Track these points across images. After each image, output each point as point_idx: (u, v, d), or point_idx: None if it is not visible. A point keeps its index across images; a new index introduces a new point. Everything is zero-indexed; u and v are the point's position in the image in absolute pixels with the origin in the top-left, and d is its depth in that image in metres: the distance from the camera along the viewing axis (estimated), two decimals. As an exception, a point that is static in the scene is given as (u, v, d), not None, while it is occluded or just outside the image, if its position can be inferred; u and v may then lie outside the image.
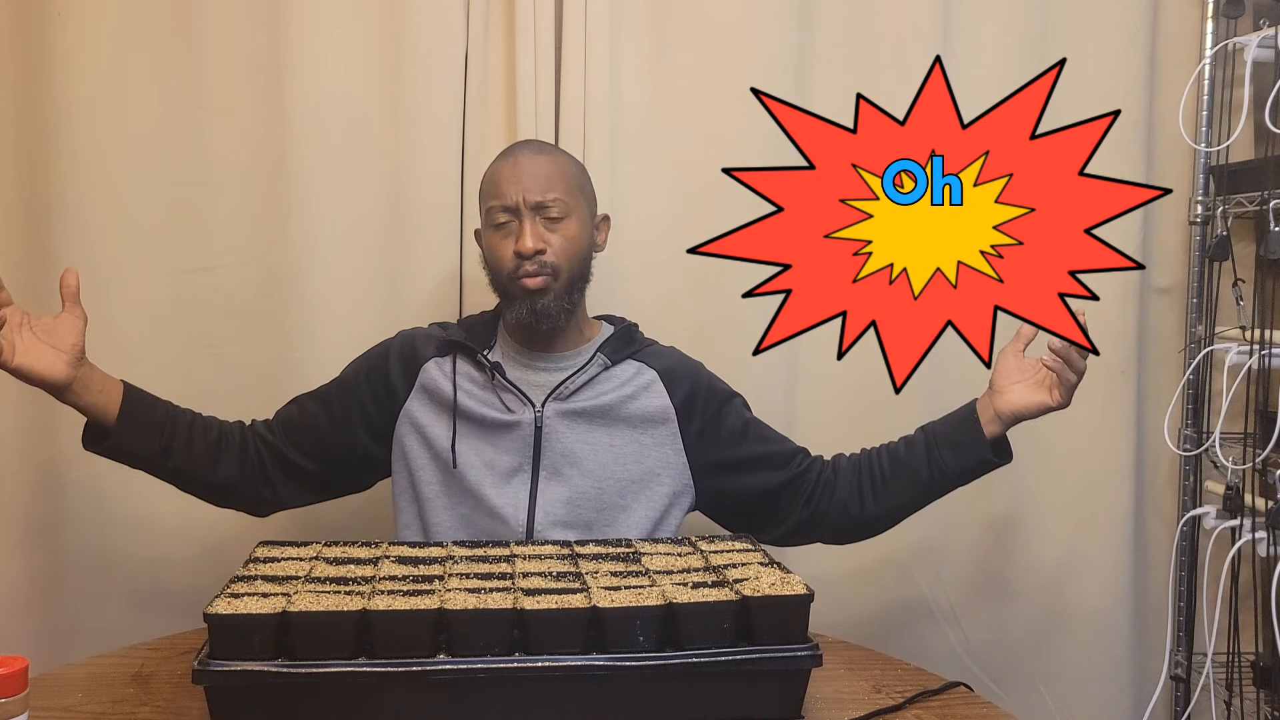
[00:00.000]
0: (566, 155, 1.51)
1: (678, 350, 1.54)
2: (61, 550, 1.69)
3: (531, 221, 1.39)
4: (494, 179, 1.44)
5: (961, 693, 1.13)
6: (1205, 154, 1.91)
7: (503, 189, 1.41)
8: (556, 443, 1.41)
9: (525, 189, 1.40)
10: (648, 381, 1.46)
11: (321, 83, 1.69)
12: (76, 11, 1.63)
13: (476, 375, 1.44)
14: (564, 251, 1.41)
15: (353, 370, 1.49)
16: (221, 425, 1.44)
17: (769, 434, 1.51)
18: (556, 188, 1.41)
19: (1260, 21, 1.84)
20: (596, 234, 1.50)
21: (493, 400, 1.43)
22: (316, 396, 1.48)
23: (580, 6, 1.73)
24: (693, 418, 1.46)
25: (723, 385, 1.52)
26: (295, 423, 1.46)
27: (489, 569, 1.08)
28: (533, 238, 1.38)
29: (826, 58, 1.81)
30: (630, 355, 1.48)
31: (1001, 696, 1.86)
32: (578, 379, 1.43)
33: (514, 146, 1.49)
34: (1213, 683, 1.87)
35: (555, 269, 1.40)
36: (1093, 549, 1.91)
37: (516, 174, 1.41)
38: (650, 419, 1.44)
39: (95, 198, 1.66)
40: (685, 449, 1.45)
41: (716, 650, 0.97)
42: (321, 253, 1.71)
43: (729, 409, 1.49)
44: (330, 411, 1.46)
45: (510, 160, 1.44)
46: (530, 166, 1.42)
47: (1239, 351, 1.80)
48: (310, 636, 0.93)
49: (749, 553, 1.16)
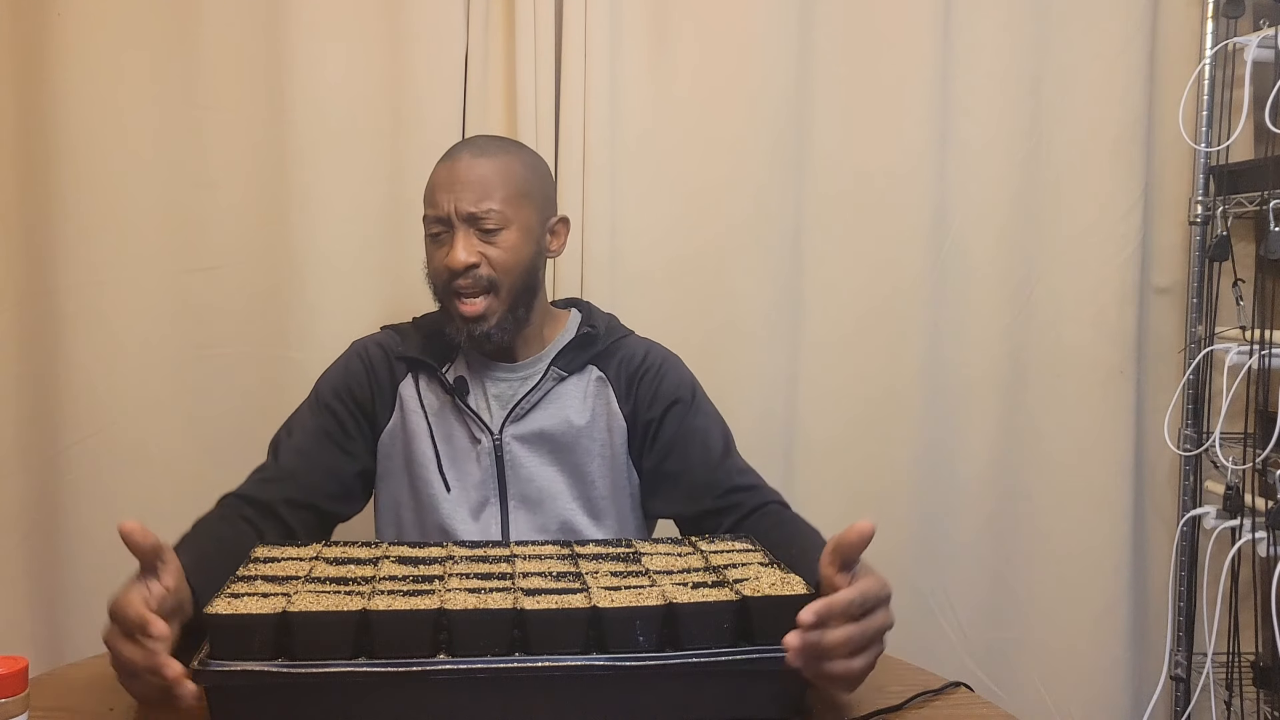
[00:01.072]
0: (512, 155, 1.37)
1: (647, 344, 1.44)
2: (61, 550, 1.69)
3: (465, 234, 1.30)
4: (431, 184, 1.35)
5: (961, 693, 1.13)
6: (1205, 154, 1.91)
7: (436, 197, 1.32)
8: (520, 469, 1.35)
9: (458, 198, 1.30)
10: (603, 394, 1.38)
11: (321, 83, 1.69)
12: (76, 11, 1.63)
13: (440, 393, 1.37)
14: (502, 264, 1.31)
15: (337, 390, 1.38)
16: (233, 530, 1.24)
17: (705, 454, 1.35)
18: (493, 196, 1.31)
19: (1260, 21, 1.84)
20: (550, 239, 1.39)
21: (457, 424, 1.36)
22: (290, 451, 1.33)
23: (580, 6, 1.73)
24: (641, 429, 1.37)
25: (676, 387, 1.39)
26: (295, 466, 1.32)
27: (489, 569, 1.08)
28: (464, 251, 1.30)
29: (826, 59, 1.82)
30: (589, 360, 1.39)
31: (1001, 696, 1.87)
32: (532, 396, 1.36)
33: (456, 147, 1.37)
34: (1213, 683, 1.87)
35: (492, 283, 1.31)
36: (1093, 549, 1.91)
37: (452, 180, 1.32)
38: (606, 436, 1.37)
39: (95, 198, 1.66)
40: (634, 459, 1.38)
41: (716, 650, 0.97)
42: (321, 253, 1.71)
43: (670, 418, 1.37)
44: (312, 458, 1.33)
45: (448, 164, 1.34)
46: (466, 172, 1.31)
47: (1239, 351, 1.80)
48: (310, 636, 0.93)
49: (749, 553, 1.16)
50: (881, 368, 1.87)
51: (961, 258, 1.87)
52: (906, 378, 1.86)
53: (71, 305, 1.66)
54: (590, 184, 1.75)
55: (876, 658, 0.95)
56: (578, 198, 1.74)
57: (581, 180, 1.75)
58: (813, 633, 0.89)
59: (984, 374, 1.90)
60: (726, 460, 1.36)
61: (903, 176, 1.84)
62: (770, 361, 1.82)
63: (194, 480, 1.71)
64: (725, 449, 1.37)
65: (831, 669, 0.91)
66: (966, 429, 1.89)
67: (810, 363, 1.84)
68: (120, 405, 1.68)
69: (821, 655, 0.90)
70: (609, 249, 1.77)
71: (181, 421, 1.72)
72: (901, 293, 1.85)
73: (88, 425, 1.68)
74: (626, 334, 1.44)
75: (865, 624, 0.92)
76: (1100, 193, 1.89)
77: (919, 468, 1.87)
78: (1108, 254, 1.90)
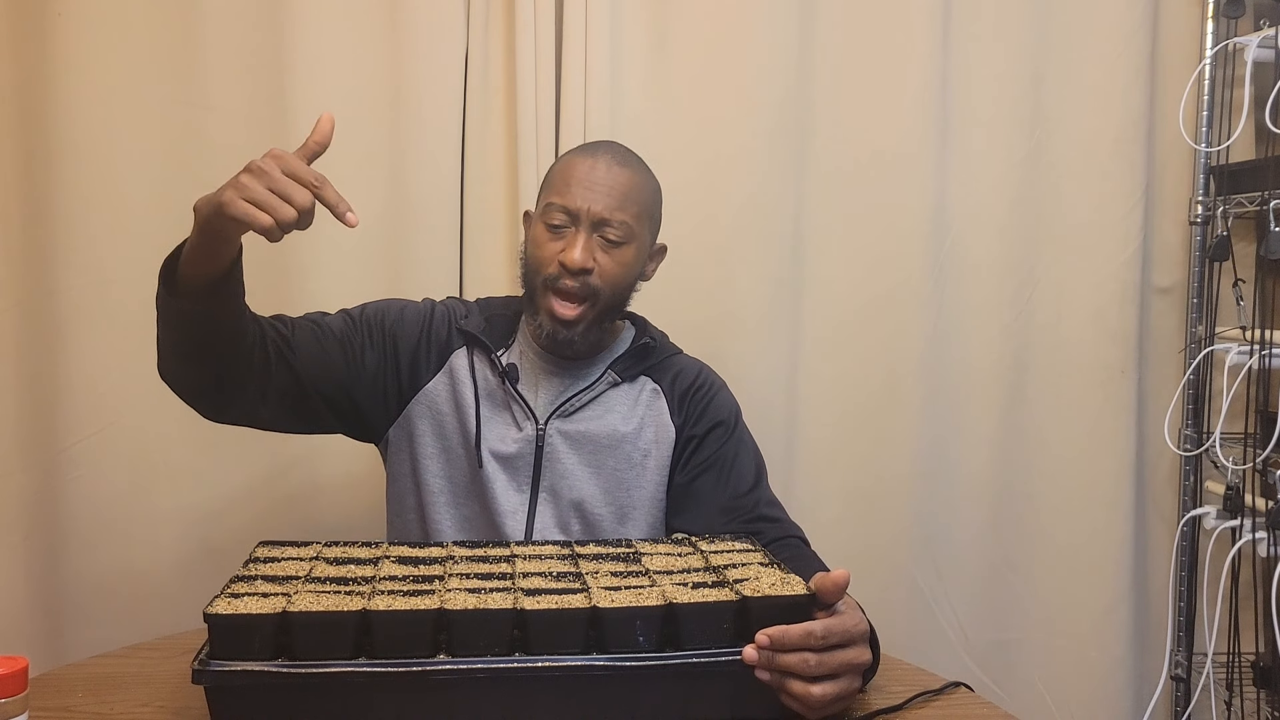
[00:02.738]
0: (647, 173, 1.38)
1: (699, 365, 1.45)
2: (61, 550, 1.69)
3: (588, 236, 1.29)
4: (566, 174, 1.31)
5: (961, 693, 1.13)
6: (1205, 154, 1.91)
7: (571, 189, 1.29)
8: (557, 464, 1.34)
9: (593, 199, 1.29)
10: (655, 404, 1.38)
11: (321, 83, 1.69)
12: (76, 11, 1.63)
13: (491, 376, 1.36)
14: (611, 277, 1.31)
15: (383, 321, 1.36)
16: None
17: (738, 481, 1.35)
18: (627, 209, 1.30)
19: (1260, 21, 1.84)
20: (649, 264, 1.40)
21: (503, 407, 1.36)
22: (335, 324, 1.33)
23: (580, 6, 1.73)
24: (683, 440, 1.37)
25: (722, 409, 1.40)
26: (307, 339, 1.30)
27: (489, 569, 1.08)
28: (583, 252, 1.28)
29: (826, 61, 1.82)
30: (643, 371, 1.40)
31: (1001, 696, 1.87)
32: (584, 396, 1.35)
33: (599, 146, 1.36)
34: (1213, 683, 1.87)
35: (596, 293, 1.30)
36: (1093, 549, 1.91)
37: (591, 179, 1.29)
38: (652, 447, 1.36)
39: (95, 197, 1.66)
40: (671, 472, 1.37)
41: (716, 650, 0.97)
42: (321, 253, 1.71)
43: (711, 439, 1.37)
44: (347, 349, 1.32)
45: (589, 160, 1.31)
46: (608, 176, 1.30)
47: (1239, 352, 1.80)
48: (310, 636, 0.93)
49: (749, 553, 1.16)
50: (881, 367, 1.87)
51: (962, 258, 1.87)
52: (906, 377, 1.86)
53: (72, 305, 1.66)
54: (590, 183, 1.75)
55: (846, 691, 0.99)
56: (578, 197, 1.74)
57: (582, 180, 1.75)
58: (764, 652, 0.96)
59: (984, 373, 1.90)
60: (756, 490, 1.36)
61: (902, 175, 1.84)
62: (769, 354, 1.82)
63: (194, 480, 1.71)
64: (757, 479, 1.37)
65: (790, 687, 0.97)
66: (967, 428, 1.89)
67: (809, 356, 1.84)
68: (120, 405, 1.68)
69: (780, 672, 0.97)
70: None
71: (181, 421, 1.71)
72: (901, 292, 1.85)
73: (88, 425, 1.68)
74: (678, 351, 1.46)
75: (826, 656, 0.97)
76: (1100, 193, 1.89)
77: (919, 467, 1.87)
78: (1108, 254, 1.90)
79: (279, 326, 1.28)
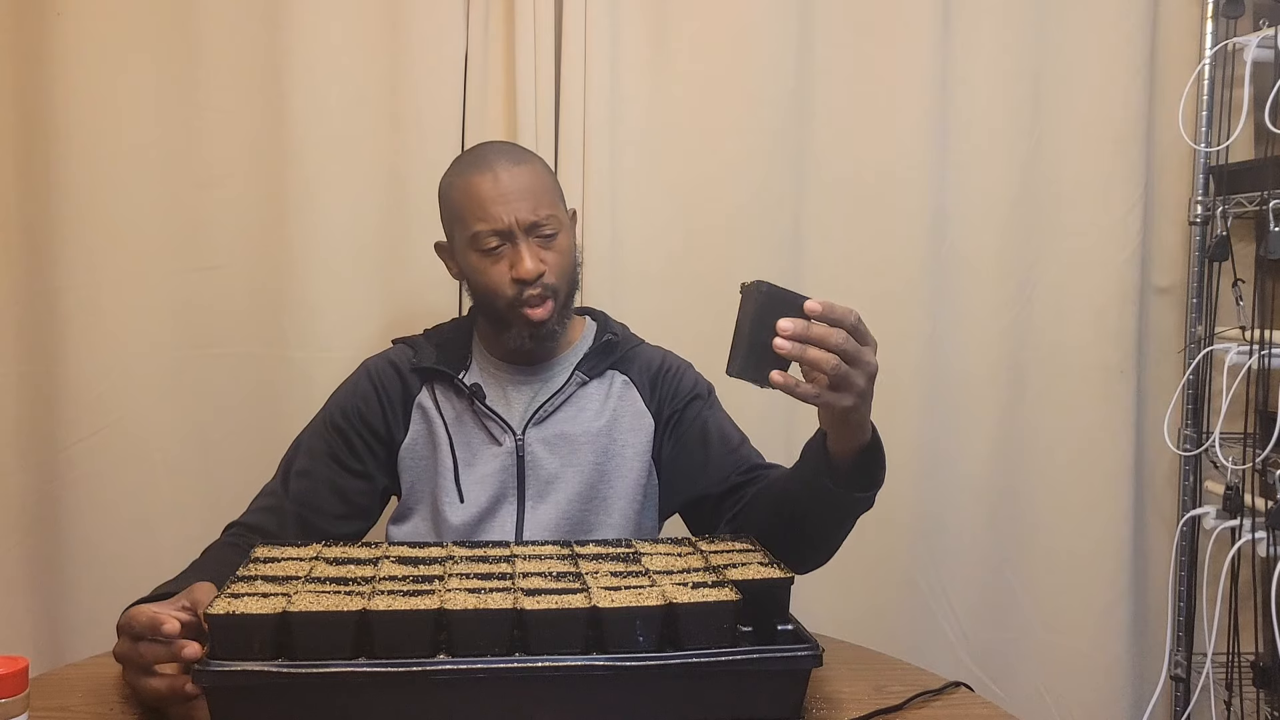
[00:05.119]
0: (538, 159, 1.40)
1: (662, 351, 1.47)
2: (62, 550, 1.69)
3: (528, 244, 1.30)
4: (474, 197, 1.31)
5: (961, 693, 1.13)
6: (1205, 154, 1.91)
7: (489, 210, 1.29)
8: (540, 469, 1.35)
9: (515, 209, 1.29)
10: (628, 395, 1.40)
11: (321, 83, 1.69)
12: (76, 11, 1.63)
13: (456, 401, 1.38)
14: (561, 268, 1.33)
15: (347, 416, 1.37)
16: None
17: (725, 439, 1.39)
18: (544, 202, 1.32)
19: (1260, 21, 1.84)
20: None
21: (476, 429, 1.37)
22: (321, 469, 1.35)
23: (580, 6, 1.73)
24: (664, 423, 1.40)
25: (695, 384, 1.43)
26: (333, 501, 1.35)
27: (489, 569, 1.08)
28: (532, 260, 1.29)
29: (826, 62, 1.82)
30: (610, 365, 1.41)
31: (1001, 696, 1.87)
32: (556, 399, 1.37)
33: (486, 157, 1.34)
34: (1212, 683, 1.87)
35: (556, 289, 1.32)
36: (1093, 549, 1.91)
37: (500, 192, 1.30)
38: (628, 436, 1.39)
39: (95, 198, 1.66)
40: (654, 455, 1.40)
41: (716, 650, 0.97)
42: (321, 253, 1.71)
43: (691, 410, 1.40)
44: (319, 479, 1.35)
45: (488, 175, 1.31)
46: (513, 181, 1.30)
47: (1239, 351, 1.80)
48: (310, 636, 0.93)
49: (749, 553, 1.16)
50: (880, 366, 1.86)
51: (961, 257, 1.87)
52: (906, 376, 1.86)
53: (71, 305, 1.66)
54: (590, 183, 1.75)
55: (862, 380, 1.10)
56: (578, 197, 1.74)
57: (581, 179, 1.75)
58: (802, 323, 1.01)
59: (984, 373, 1.90)
60: (744, 446, 1.40)
61: (902, 176, 1.84)
62: None
63: (194, 480, 1.71)
64: (742, 438, 1.41)
65: (817, 358, 1.02)
66: (967, 428, 1.89)
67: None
68: (120, 405, 1.68)
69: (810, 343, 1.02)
70: (609, 247, 1.77)
71: (181, 421, 1.72)
72: (901, 291, 1.85)
73: (88, 425, 1.68)
74: (640, 342, 1.47)
75: (852, 341, 1.05)
76: (1100, 193, 1.89)
77: (919, 467, 1.87)
78: (1108, 254, 1.90)
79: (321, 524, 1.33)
